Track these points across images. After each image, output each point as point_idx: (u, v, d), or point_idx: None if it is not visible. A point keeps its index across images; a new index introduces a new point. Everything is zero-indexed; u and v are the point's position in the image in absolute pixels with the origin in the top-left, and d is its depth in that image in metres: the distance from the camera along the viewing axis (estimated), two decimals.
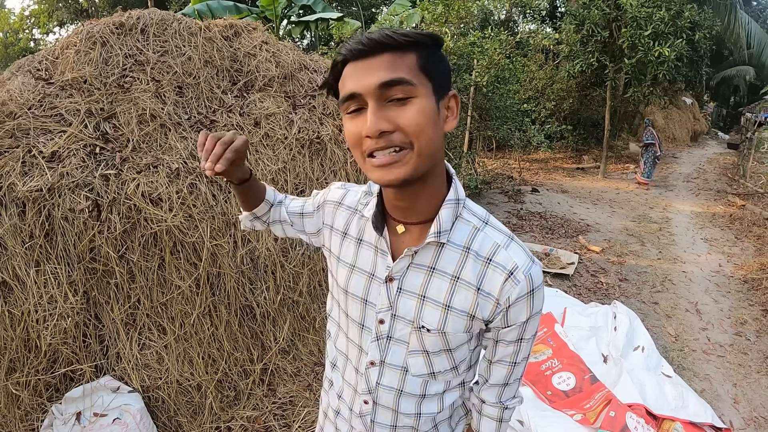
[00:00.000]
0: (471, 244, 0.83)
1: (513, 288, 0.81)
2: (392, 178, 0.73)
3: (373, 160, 0.74)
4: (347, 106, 0.75)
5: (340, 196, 0.99)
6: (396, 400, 0.92)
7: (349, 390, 0.99)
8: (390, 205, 0.87)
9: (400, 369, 0.90)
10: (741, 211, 6.91)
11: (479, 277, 0.82)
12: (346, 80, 0.75)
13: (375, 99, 0.72)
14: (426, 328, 0.85)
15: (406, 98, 0.72)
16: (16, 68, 2.62)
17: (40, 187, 2.06)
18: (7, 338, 1.99)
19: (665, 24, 7.46)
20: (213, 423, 2.31)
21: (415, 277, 0.85)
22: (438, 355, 0.88)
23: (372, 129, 0.71)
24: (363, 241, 0.92)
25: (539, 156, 10.80)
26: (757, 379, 3.05)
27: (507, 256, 0.82)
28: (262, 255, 2.55)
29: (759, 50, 14.42)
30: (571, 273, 4.38)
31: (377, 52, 0.72)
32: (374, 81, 0.71)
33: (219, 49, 2.92)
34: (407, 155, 0.73)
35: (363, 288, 0.90)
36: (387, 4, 15.67)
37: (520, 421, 2.41)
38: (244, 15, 7.30)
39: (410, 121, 0.71)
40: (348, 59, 0.74)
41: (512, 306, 0.82)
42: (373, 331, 0.90)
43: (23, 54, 14.12)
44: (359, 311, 0.92)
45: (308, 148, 2.87)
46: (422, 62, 0.73)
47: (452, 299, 0.83)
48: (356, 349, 0.95)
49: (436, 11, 5.65)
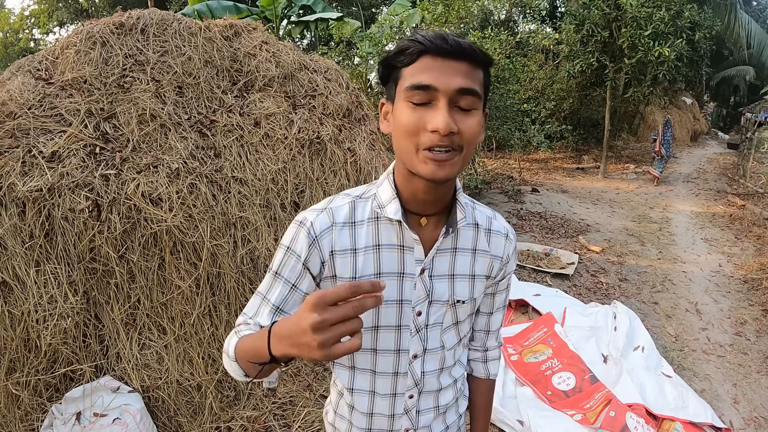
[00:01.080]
0: (476, 220, 0.97)
1: (509, 245, 1.00)
2: (443, 175, 0.78)
3: (429, 153, 0.77)
4: (414, 94, 0.76)
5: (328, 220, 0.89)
6: (438, 379, 1.01)
7: (384, 400, 0.98)
8: (415, 200, 0.88)
9: (439, 349, 0.98)
10: (741, 211, 6.91)
11: (488, 244, 0.98)
12: (421, 71, 0.76)
13: (448, 100, 0.76)
14: (461, 301, 0.95)
15: (470, 109, 0.78)
16: (16, 68, 2.61)
17: (40, 187, 2.06)
18: (7, 338, 1.99)
19: (665, 24, 7.45)
20: (213, 423, 2.31)
21: (442, 261, 0.93)
22: (465, 322, 1.00)
23: (445, 127, 0.74)
24: (382, 246, 0.90)
25: (539, 156, 10.80)
26: (757, 379, 3.05)
27: (499, 224, 1.00)
28: (262, 255, 2.55)
29: (759, 50, 14.42)
30: (571, 273, 4.38)
31: (459, 58, 0.76)
32: (455, 84, 0.75)
33: (219, 49, 2.92)
34: (456, 157, 0.79)
35: (396, 290, 0.91)
36: (387, 4, 15.66)
37: (520, 421, 2.41)
38: (244, 15, 7.29)
39: (471, 129, 0.78)
40: (428, 51, 0.76)
41: (510, 260, 1.01)
42: (411, 326, 0.94)
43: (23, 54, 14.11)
44: (395, 314, 0.92)
45: (308, 148, 2.87)
46: (485, 80, 0.81)
47: (475, 268, 0.96)
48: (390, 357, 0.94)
49: (436, 11, 5.65)
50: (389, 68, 0.81)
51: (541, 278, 4.32)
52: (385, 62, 0.81)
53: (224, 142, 2.64)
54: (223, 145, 2.63)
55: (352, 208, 0.91)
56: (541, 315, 3.26)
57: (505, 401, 2.59)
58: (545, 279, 4.30)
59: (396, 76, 0.80)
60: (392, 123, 0.82)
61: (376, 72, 0.93)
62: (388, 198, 0.88)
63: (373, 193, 0.92)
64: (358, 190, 0.94)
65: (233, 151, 2.64)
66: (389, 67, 0.81)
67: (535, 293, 3.58)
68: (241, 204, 2.54)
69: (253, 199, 2.59)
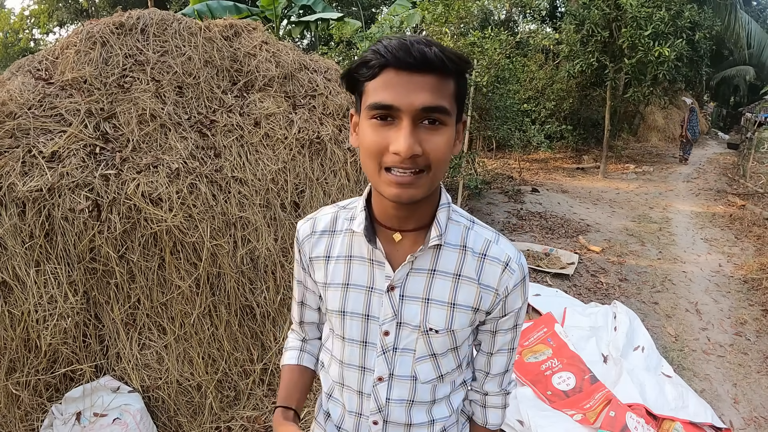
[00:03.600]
0: (466, 242, 0.87)
1: (509, 277, 0.86)
2: (406, 197, 0.74)
3: (390, 176, 0.73)
4: (376, 113, 0.72)
5: (309, 228, 0.95)
6: (408, 412, 0.93)
7: (351, 418, 0.96)
8: (385, 215, 0.85)
9: (409, 379, 0.91)
10: (741, 211, 6.91)
11: (478, 272, 0.86)
12: (383, 88, 0.71)
13: (412, 119, 0.71)
14: (434, 329, 0.87)
15: (439, 125, 0.73)
16: (16, 68, 2.62)
17: (40, 187, 2.06)
18: (7, 338, 1.99)
19: (665, 24, 7.45)
20: (213, 423, 2.31)
21: (417, 282, 0.86)
22: (445, 356, 0.90)
23: (407, 151, 0.70)
24: (353, 257, 0.90)
25: (539, 156, 10.79)
26: (757, 379, 3.05)
27: (499, 250, 0.87)
28: (262, 255, 2.55)
29: (759, 50, 14.41)
30: (571, 273, 4.37)
31: (424, 71, 0.70)
32: (419, 102, 0.70)
33: (219, 49, 2.92)
34: (423, 178, 0.74)
35: (363, 304, 0.89)
36: (387, 4, 15.66)
37: (520, 421, 2.41)
38: (244, 15, 7.30)
39: (438, 149, 0.73)
40: (390, 65, 0.70)
41: (510, 294, 0.87)
42: (378, 346, 0.89)
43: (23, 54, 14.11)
44: (360, 329, 0.90)
45: (308, 148, 2.87)
46: (457, 90, 0.75)
47: (456, 296, 0.86)
48: (356, 372, 0.93)
49: (436, 11, 5.63)
50: (353, 80, 0.77)
51: (541, 278, 4.32)
52: (348, 75, 0.77)
53: (224, 142, 2.64)
54: (223, 145, 2.63)
55: (334, 218, 0.94)
56: (541, 315, 3.26)
57: None
58: (545, 279, 4.30)
59: (360, 90, 0.76)
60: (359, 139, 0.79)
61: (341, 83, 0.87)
62: (359, 209, 0.88)
63: (356, 204, 0.92)
64: (346, 201, 0.96)
65: (233, 151, 2.64)
66: (353, 79, 0.76)
67: (535, 293, 3.58)
68: (241, 204, 2.54)
69: (253, 199, 2.59)
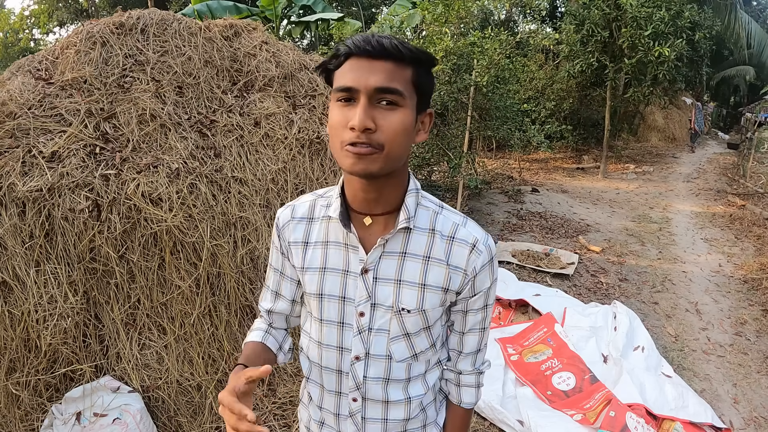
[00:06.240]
0: (435, 226, 0.93)
1: (477, 258, 0.92)
2: (359, 168, 0.80)
3: (351, 147, 0.80)
4: (340, 95, 0.81)
5: (289, 214, 1.01)
6: (384, 390, 0.98)
7: (331, 397, 1.02)
8: (357, 199, 0.91)
9: (384, 358, 0.96)
10: (741, 211, 6.91)
11: (447, 254, 0.92)
12: (346, 73, 0.81)
13: (368, 98, 0.79)
14: (406, 309, 0.93)
15: (394, 106, 0.80)
16: (16, 68, 2.62)
17: (40, 187, 2.06)
18: (7, 338, 1.99)
19: (665, 24, 7.45)
20: (213, 423, 2.31)
21: (389, 264, 0.92)
22: (418, 335, 0.96)
23: (360, 124, 0.78)
24: (329, 242, 0.96)
25: (539, 156, 10.79)
26: (757, 379, 3.05)
27: (467, 232, 0.93)
28: (262, 255, 2.55)
29: (759, 50, 14.40)
30: (571, 273, 4.37)
31: (381, 57, 0.79)
32: (373, 83, 0.78)
33: (219, 49, 2.92)
34: (376, 154, 0.80)
35: (339, 286, 0.95)
36: (387, 4, 15.66)
37: (520, 421, 2.42)
38: (244, 15, 7.30)
39: (391, 126, 0.80)
40: (352, 54, 0.80)
41: (478, 275, 0.93)
42: (354, 326, 0.95)
43: (23, 54, 14.11)
44: (337, 310, 0.96)
45: (308, 148, 2.88)
46: (415, 78, 0.83)
47: (427, 277, 0.92)
48: (334, 352, 0.98)
49: (436, 11, 5.63)
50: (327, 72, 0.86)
51: (541, 278, 4.32)
52: (322, 67, 0.87)
53: (224, 142, 2.64)
54: (223, 145, 2.63)
55: (312, 205, 1.00)
56: (541, 315, 3.26)
57: (505, 401, 2.59)
58: (545, 279, 4.30)
59: (330, 79, 0.86)
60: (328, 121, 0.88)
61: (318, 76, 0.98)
62: (335, 196, 0.95)
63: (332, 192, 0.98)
64: (323, 190, 1.02)
65: (233, 151, 2.64)
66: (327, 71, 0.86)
67: (535, 293, 3.58)
68: (241, 204, 2.54)
69: (253, 199, 2.59)
